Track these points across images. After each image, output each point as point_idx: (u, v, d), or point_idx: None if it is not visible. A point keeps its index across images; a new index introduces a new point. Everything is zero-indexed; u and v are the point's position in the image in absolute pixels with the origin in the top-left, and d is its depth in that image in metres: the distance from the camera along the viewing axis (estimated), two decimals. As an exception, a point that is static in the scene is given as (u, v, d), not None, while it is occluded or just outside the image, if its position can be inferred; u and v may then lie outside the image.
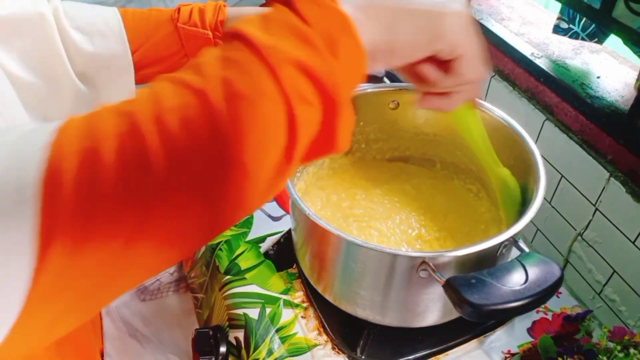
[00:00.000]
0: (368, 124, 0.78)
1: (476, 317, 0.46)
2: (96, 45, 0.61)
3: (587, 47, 0.81)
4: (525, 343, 0.69)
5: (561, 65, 0.78)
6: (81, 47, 0.59)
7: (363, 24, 0.32)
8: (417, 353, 0.66)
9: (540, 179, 0.59)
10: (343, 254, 0.59)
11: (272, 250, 0.79)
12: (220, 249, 0.81)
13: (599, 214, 0.71)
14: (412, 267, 0.53)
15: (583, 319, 0.63)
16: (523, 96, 0.82)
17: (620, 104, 0.69)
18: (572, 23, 0.73)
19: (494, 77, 0.88)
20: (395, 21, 0.34)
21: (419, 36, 0.35)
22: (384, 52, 0.34)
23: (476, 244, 0.52)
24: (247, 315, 0.71)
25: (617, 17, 0.62)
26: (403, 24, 0.34)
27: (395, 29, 0.34)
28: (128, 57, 0.64)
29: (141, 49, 0.66)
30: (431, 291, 0.57)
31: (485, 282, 0.47)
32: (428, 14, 0.35)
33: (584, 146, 0.72)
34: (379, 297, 0.60)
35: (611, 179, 0.68)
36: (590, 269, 0.75)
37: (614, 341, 0.55)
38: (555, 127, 0.76)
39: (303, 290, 0.74)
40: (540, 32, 0.86)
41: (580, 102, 0.72)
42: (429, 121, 0.77)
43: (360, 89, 0.73)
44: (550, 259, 0.50)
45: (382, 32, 0.33)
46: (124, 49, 0.63)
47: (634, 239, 0.67)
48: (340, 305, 0.66)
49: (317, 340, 0.68)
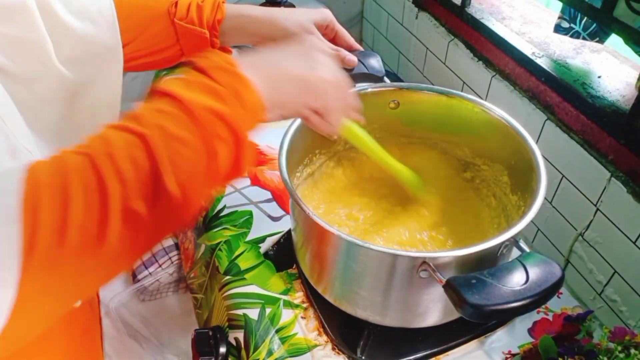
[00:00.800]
0: (368, 124, 0.77)
1: (477, 318, 0.46)
2: (88, 31, 0.61)
3: (588, 46, 0.80)
4: (525, 343, 0.68)
5: (562, 64, 0.77)
6: (72, 30, 0.59)
7: (258, 84, 0.43)
8: (417, 353, 0.66)
9: (541, 178, 0.59)
10: (343, 254, 0.59)
11: (271, 251, 0.79)
12: (220, 249, 0.81)
13: (600, 214, 0.71)
14: (413, 268, 0.53)
15: (584, 319, 0.63)
16: (524, 96, 0.82)
17: (622, 103, 0.69)
18: (573, 22, 0.73)
19: (494, 77, 0.88)
20: (279, 84, 0.46)
21: (297, 96, 0.47)
22: (275, 106, 0.45)
23: (477, 244, 0.52)
24: (247, 315, 0.71)
25: (618, 17, 0.62)
26: (285, 86, 0.46)
27: (280, 89, 0.46)
28: (118, 46, 0.64)
29: (136, 40, 0.66)
30: (431, 291, 0.57)
31: (486, 282, 0.47)
32: (303, 80, 0.47)
33: (585, 146, 0.72)
34: (379, 298, 0.60)
35: (612, 179, 0.68)
36: (591, 269, 0.75)
37: (615, 341, 0.55)
38: (556, 127, 0.76)
39: (303, 291, 0.74)
40: (541, 31, 0.86)
41: (581, 102, 0.71)
42: (429, 121, 0.76)
43: (361, 89, 0.73)
44: (551, 259, 0.50)
45: (271, 91, 0.44)
46: (115, 38, 0.63)
47: (635, 239, 0.66)
48: (341, 305, 0.66)
49: (317, 341, 0.68)
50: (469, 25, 0.93)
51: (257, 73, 0.44)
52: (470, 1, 0.93)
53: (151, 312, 0.91)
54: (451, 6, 0.97)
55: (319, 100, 0.49)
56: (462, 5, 0.94)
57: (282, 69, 0.47)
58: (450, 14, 0.99)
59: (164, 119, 0.38)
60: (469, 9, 0.93)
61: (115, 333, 0.86)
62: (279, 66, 0.47)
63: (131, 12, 0.66)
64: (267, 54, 0.48)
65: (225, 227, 0.83)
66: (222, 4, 0.70)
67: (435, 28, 1.03)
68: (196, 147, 0.39)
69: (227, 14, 0.70)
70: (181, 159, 0.38)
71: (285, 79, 0.47)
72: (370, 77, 0.75)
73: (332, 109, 0.51)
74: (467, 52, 0.94)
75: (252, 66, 0.44)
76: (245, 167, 0.43)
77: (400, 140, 0.80)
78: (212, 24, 0.69)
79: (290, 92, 0.47)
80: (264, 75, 0.44)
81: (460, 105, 0.71)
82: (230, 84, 0.41)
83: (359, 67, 0.75)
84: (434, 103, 0.73)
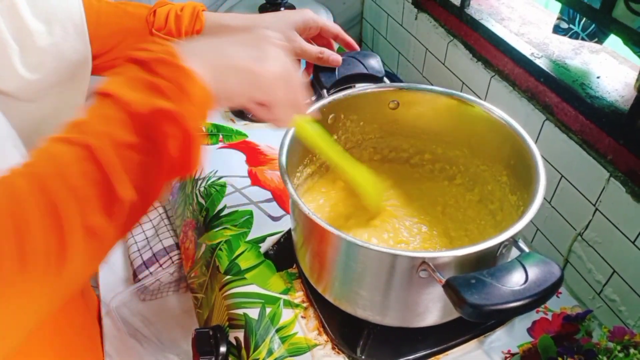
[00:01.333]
0: (368, 124, 0.78)
1: (476, 317, 0.46)
2: (55, 35, 0.59)
3: (587, 47, 0.81)
4: (525, 343, 0.69)
5: (561, 65, 0.78)
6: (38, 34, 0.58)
7: (203, 74, 0.42)
8: (417, 353, 0.66)
9: (540, 179, 0.59)
10: (343, 254, 0.59)
11: (272, 250, 0.79)
12: (220, 249, 0.81)
13: (599, 214, 0.71)
14: (412, 267, 0.53)
15: (583, 319, 0.63)
16: (523, 96, 0.83)
17: (620, 104, 0.69)
18: (572, 23, 0.73)
19: (493, 77, 0.88)
20: (225, 74, 0.45)
21: (242, 87, 0.46)
22: (219, 96, 0.44)
23: (476, 244, 0.52)
24: (247, 315, 0.71)
25: (617, 17, 0.62)
26: (230, 76, 0.45)
27: (225, 80, 0.45)
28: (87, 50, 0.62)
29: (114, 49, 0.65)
30: (431, 291, 0.57)
31: (485, 282, 0.47)
32: (249, 71, 0.46)
33: (583, 146, 0.72)
34: (379, 297, 0.60)
35: (611, 179, 0.68)
36: (590, 269, 0.75)
37: (614, 341, 0.55)
38: (555, 127, 0.76)
39: (303, 290, 0.74)
40: (540, 32, 0.86)
41: (580, 102, 0.72)
42: (429, 121, 0.77)
43: (361, 88, 0.73)
44: (550, 259, 0.50)
45: (216, 81, 0.43)
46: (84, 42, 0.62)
47: (634, 239, 0.67)
48: (341, 305, 0.66)
49: (317, 340, 0.68)
50: (468, 26, 0.93)
51: (202, 62, 0.43)
52: (470, 2, 0.94)
53: (152, 312, 0.91)
54: (450, 7, 0.97)
55: (266, 94, 0.48)
56: (462, 6, 0.94)
57: (229, 59, 0.46)
58: (449, 15, 0.99)
59: (109, 125, 0.38)
60: (468, 10, 0.93)
61: (115, 332, 0.86)
62: (225, 56, 0.46)
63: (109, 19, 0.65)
64: (213, 42, 0.47)
65: (225, 227, 0.84)
66: (201, 13, 0.68)
67: (434, 29, 1.03)
68: (146, 150, 0.39)
69: (207, 24, 0.68)
70: (132, 163, 0.38)
71: (231, 70, 0.45)
72: (370, 78, 0.75)
73: (279, 103, 0.50)
74: (466, 53, 0.95)
75: (197, 55, 0.43)
76: (197, 161, 0.42)
77: (400, 140, 0.80)
78: (191, 34, 0.67)
79: (235, 83, 0.46)
80: (209, 65, 0.43)
81: (460, 106, 0.72)
82: (174, 77, 0.40)
83: (359, 67, 0.75)
84: (434, 103, 0.74)
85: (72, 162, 0.36)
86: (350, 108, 0.74)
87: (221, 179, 0.92)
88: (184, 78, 0.41)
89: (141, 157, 0.39)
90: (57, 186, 0.35)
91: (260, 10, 1.06)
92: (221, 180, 0.92)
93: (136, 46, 0.42)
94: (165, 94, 0.39)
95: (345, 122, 0.76)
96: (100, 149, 0.37)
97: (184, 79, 0.41)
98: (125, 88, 0.39)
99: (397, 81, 1.14)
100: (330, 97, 0.71)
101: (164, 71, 0.40)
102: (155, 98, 0.39)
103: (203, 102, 0.42)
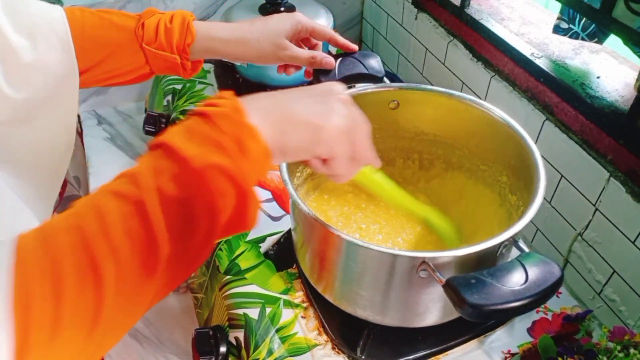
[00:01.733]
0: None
1: (476, 317, 0.46)
2: (40, 50, 0.56)
3: (587, 47, 0.81)
4: (525, 343, 0.69)
5: (561, 65, 0.78)
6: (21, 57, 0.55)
7: (264, 131, 0.41)
8: (417, 353, 0.66)
9: (540, 179, 0.59)
10: (343, 254, 0.59)
11: (272, 250, 0.79)
12: (220, 249, 0.81)
13: (599, 214, 0.71)
14: (412, 267, 0.53)
15: (583, 319, 0.63)
16: (523, 96, 0.83)
17: (620, 104, 0.69)
18: (572, 23, 0.74)
19: (493, 77, 0.89)
20: (287, 129, 0.43)
21: (304, 142, 0.44)
22: (279, 152, 0.43)
23: (476, 244, 0.52)
24: (247, 315, 0.71)
25: (617, 17, 0.62)
26: (292, 132, 0.43)
27: (287, 135, 0.43)
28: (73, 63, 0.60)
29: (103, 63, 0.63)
30: (431, 291, 0.57)
31: (485, 282, 0.47)
32: (312, 126, 0.44)
33: (583, 146, 0.72)
34: (379, 297, 0.60)
35: (611, 179, 0.68)
36: (590, 269, 0.75)
37: (614, 341, 0.55)
38: (555, 127, 0.76)
39: (303, 290, 0.74)
40: (540, 32, 0.86)
41: (580, 102, 0.72)
42: (429, 121, 0.77)
43: (361, 88, 0.73)
44: (550, 259, 0.50)
45: (277, 137, 0.42)
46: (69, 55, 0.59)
47: (634, 238, 0.67)
48: (341, 305, 0.66)
49: (317, 340, 0.68)
50: (468, 26, 0.93)
51: (266, 118, 0.42)
52: (470, 2, 0.94)
53: (152, 312, 0.91)
54: (450, 7, 0.97)
55: (328, 150, 0.46)
56: (462, 6, 0.94)
57: (294, 115, 0.44)
58: (449, 15, 0.99)
59: (161, 179, 0.37)
60: (468, 10, 0.93)
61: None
62: (291, 111, 0.44)
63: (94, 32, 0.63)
64: (279, 97, 0.46)
65: (225, 227, 0.83)
66: (191, 24, 0.67)
67: (434, 29, 1.03)
68: (196, 206, 0.37)
69: (197, 37, 0.67)
70: (179, 221, 0.36)
71: (295, 125, 0.44)
72: (370, 78, 0.75)
73: (340, 158, 0.47)
74: (466, 53, 0.95)
75: (261, 110, 0.42)
76: (251, 220, 0.41)
77: (400, 140, 0.80)
78: (182, 47, 0.66)
79: (298, 139, 0.44)
80: (272, 120, 0.42)
81: (460, 106, 0.72)
82: (235, 133, 0.39)
83: (359, 67, 0.75)
84: (434, 103, 0.74)
85: (119, 219, 0.35)
86: (350, 108, 0.74)
87: (221, 179, 0.92)
88: (245, 134, 0.40)
89: (190, 214, 0.37)
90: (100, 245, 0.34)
91: (260, 10, 1.06)
92: (221, 180, 0.92)
93: (205, 101, 0.41)
94: (224, 149, 0.38)
95: (345, 122, 0.76)
96: (149, 203, 0.35)
97: (245, 134, 0.40)
98: (184, 140, 0.38)
99: (397, 81, 1.14)
100: (330, 97, 0.71)
101: (226, 126, 0.39)
102: (213, 153, 0.38)
103: (260, 159, 0.41)
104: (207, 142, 0.38)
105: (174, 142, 0.38)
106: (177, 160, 0.37)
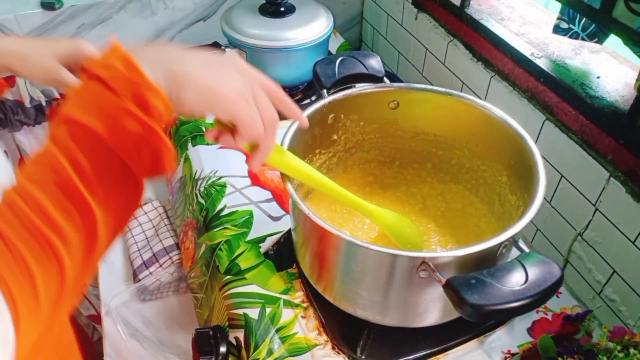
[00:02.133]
0: (368, 124, 0.78)
1: (476, 318, 0.46)
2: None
3: (587, 47, 0.81)
4: (525, 343, 0.69)
5: (561, 65, 0.78)
6: None
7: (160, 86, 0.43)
8: (417, 353, 0.66)
9: (540, 179, 0.59)
10: (343, 254, 0.59)
11: (272, 250, 0.79)
12: (220, 249, 0.81)
13: (599, 214, 0.71)
14: (412, 267, 0.53)
15: (583, 319, 0.63)
16: (523, 96, 0.83)
17: (620, 104, 0.69)
18: (572, 23, 0.74)
19: (493, 77, 0.88)
20: (184, 89, 0.45)
21: (199, 104, 0.46)
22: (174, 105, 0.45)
23: (476, 244, 0.52)
24: (247, 315, 0.71)
25: (617, 17, 0.62)
26: (187, 91, 0.45)
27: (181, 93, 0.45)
28: None
29: None
30: (431, 291, 0.57)
31: (485, 282, 0.47)
32: (208, 90, 0.46)
33: (583, 146, 0.72)
34: (379, 297, 0.60)
35: (611, 179, 0.68)
36: (590, 269, 0.75)
37: (614, 341, 0.55)
38: (555, 127, 0.76)
39: (303, 290, 0.74)
40: (540, 32, 0.86)
41: (580, 102, 0.72)
42: (429, 121, 0.77)
43: (361, 88, 0.73)
44: (550, 259, 0.50)
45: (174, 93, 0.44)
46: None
47: (634, 238, 0.67)
48: (340, 305, 0.66)
49: (317, 340, 0.68)
50: (468, 26, 0.93)
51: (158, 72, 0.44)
52: (470, 2, 0.94)
53: (152, 312, 0.91)
54: (450, 7, 0.97)
55: (226, 112, 0.48)
56: (462, 6, 0.94)
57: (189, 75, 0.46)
58: (449, 15, 0.99)
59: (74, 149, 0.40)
60: (468, 10, 0.93)
61: (115, 333, 0.86)
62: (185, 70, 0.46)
63: None
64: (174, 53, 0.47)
65: (225, 227, 0.84)
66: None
67: (434, 29, 1.03)
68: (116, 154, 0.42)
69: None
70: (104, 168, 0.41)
71: (191, 86, 0.45)
72: (370, 78, 0.75)
73: (243, 119, 0.48)
74: (466, 53, 0.95)
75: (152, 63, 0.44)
76: (168, 165, 0.45)
77: (400, 140, 0.80)
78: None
79: (194, 98, 0.46)
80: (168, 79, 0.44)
81: (460, 106, 0.72)
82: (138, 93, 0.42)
83: (359, 67, 0.75)
84: (434, 103, 0.74)
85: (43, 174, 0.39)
86: (350, 108, 0.74)
87: (221, 179, 0.92)
88: (145, 90, 0.42)
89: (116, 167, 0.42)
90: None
91: (260, 10, 1.06)
92: (221, 180, 0.92)
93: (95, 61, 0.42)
94: (131, 115, 0.41)
95: (345, 122, 0.76)
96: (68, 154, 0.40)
97: (145, 91, 0.42)
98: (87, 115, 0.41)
99: (397, 81, 1.14)
100: (330, 97, 0.71)
101: (127, 90, 0.41)
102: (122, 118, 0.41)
103: (165, 110, 0.43)
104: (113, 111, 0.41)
105: (78, 117, 0.41)
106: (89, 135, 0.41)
